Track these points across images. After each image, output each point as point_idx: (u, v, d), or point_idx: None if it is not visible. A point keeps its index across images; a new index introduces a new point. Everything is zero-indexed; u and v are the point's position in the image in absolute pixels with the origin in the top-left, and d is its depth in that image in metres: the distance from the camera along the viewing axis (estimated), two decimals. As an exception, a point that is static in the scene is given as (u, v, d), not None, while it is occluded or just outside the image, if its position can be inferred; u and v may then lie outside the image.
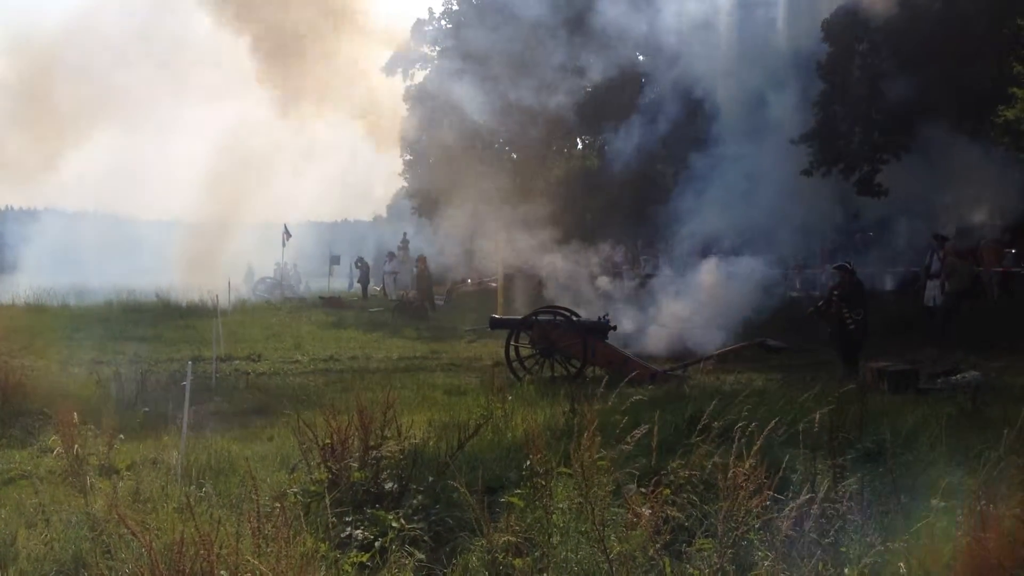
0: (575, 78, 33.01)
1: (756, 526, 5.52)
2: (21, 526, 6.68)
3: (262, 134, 33.80)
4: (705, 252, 21.15)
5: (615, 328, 15.79)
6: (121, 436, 8.96)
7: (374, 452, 7.23)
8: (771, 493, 5.83)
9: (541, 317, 15.76)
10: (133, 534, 4.99)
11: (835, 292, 15.76)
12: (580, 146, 48.18)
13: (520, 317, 16.34)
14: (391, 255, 38.51)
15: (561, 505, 6.02)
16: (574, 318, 15.72)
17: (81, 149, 34.43)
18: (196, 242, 33.90)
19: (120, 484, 7.76)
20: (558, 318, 15.67)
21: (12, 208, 57.87)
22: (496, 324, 16.54)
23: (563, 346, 15.27)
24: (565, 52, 32.00)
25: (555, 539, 5.69)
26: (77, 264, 32.58)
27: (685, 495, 6.26)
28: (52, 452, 8.86)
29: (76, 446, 8.21)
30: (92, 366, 13.52)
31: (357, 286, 39.54)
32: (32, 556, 6.06)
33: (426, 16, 49.09)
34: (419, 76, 49.34)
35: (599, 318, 15.93)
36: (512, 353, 15.45)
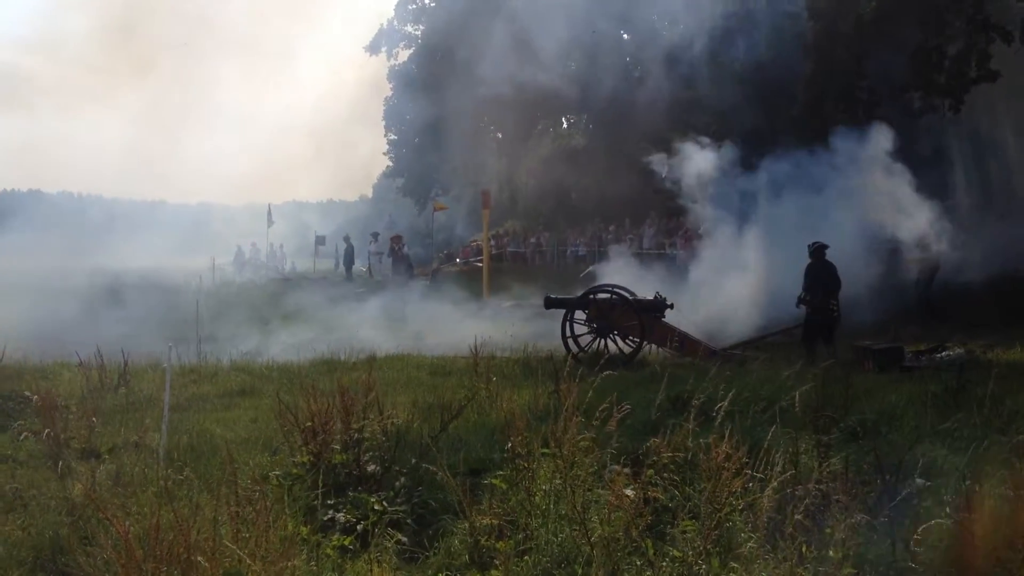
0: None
1: (739, 507, 5.50)
2: (-1, 511, 6.60)
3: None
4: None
5: (672, 306, 15.75)
6: (95, 419, 8.82)
7: (356, 434, 7.17)
8: (753, 473, 5.81)
9: (598, 296, 15.79)
10: (109, 520, 4.92)
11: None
12: (565, 125, 48.09)
13: (575, 296, 16.41)
14: (375, 236, 38.36)
15: (544, 487, 5.98)
16: (630, 297, 15.75)
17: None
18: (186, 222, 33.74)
19: (100, 468, 7.67)
20: (614, 297, 15.71)
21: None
22: (551, 304, 16.52)
23: (620, 325, 15.29)
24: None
25: (537, 521, 5.65)
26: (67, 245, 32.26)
27: (667, 476, 6.22)
28: (33, 435, 8.76)
29: (51, 430, 8.10)
30: (74, 347, 13.36)
31: (342, 267, 39.41)
32: (9, 541, 5.98)
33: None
34: (403, 55, 49.20)
35: (655, 296, 15.92)
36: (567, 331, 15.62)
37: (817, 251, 15.10)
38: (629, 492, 5.49)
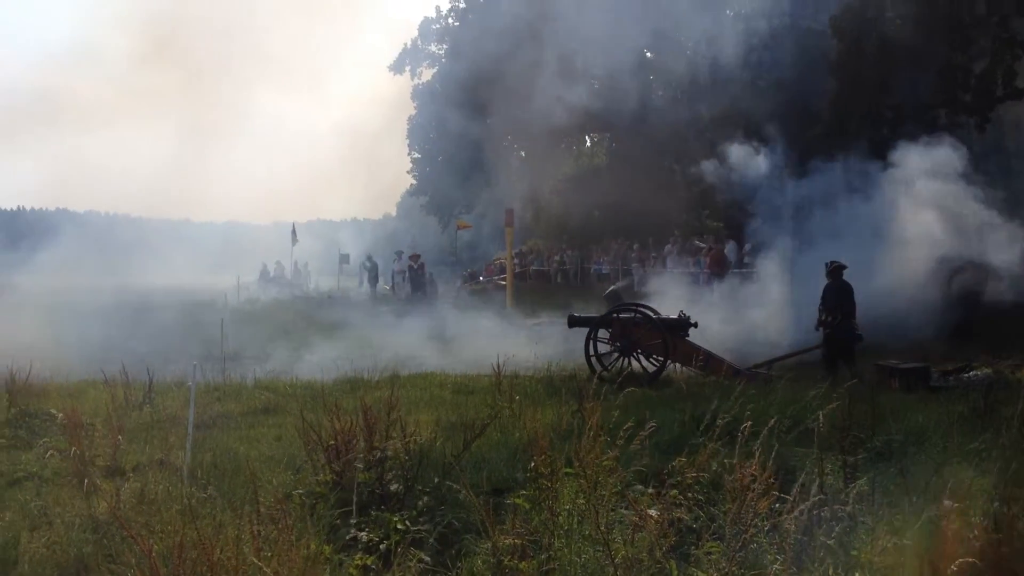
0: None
1: (765, 528, 5.45)
2: (24, 528, 6.63)
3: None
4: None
5: (696, 325, 15.70)
6: (120, 437, 8.88)
7: (379, 453, 7.17)
8: (779, 494, 5.75)
9: (622, 315, 15.77)
10: (133, 538, 4.95)
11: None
12: (589, 143, 48.16)
13: (598, 315, 16.40)
14: (399, 254, 38.57)
15: (567, 507, 5.95)
16: (654, 315, 15.73)
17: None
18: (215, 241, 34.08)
19: (125, 486, 7.71)
20: (637, 316, 15.68)
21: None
22: (575, 322, 16.50)
23: (644, 344, 15.29)
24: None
25: (560, 542, 5.62)
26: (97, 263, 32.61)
27: (691, 496, 6.18)
28: (59, 453, 8.83)
29: (77, 448, 8.16)
30: (100, 365, 13.46)
31: (367, 284, 39.62)
32: (34, 559, 6.02)
33: (433, 15, 49.24)
34: (427, 74, 49.57)
35: (679, 315, 15.88)
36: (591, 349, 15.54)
37: (834, 271, 15.04)
38: (653, 512, 5.45)
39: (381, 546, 5.94)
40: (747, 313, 18.11)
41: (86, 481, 7.51)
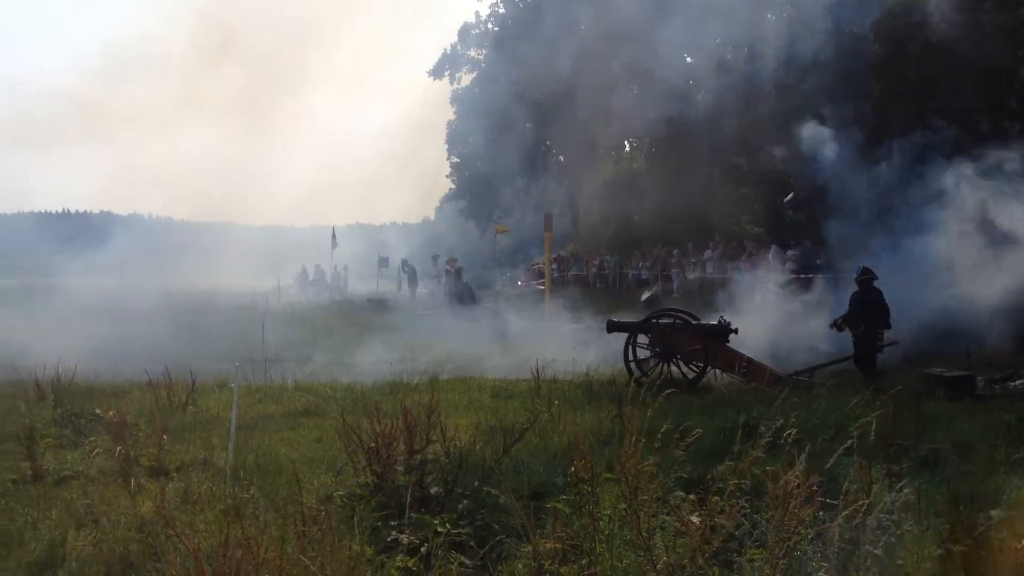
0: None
1: (808, 536, 5.39)
2: (71, 527, 6.73)
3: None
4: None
5: (736, 331, 15.60)
6: (165, 437, 9.01)
7: (419, 456, 7.20)
8: (823, 500, 5.69)
9: (661, 320, 15.72)
10: (179, 536, 5.00)
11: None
12: (627, 148, 48.03)
13: (637, 320, 16.35)
14: (435, 259, 38.76)
15: (607, 512, 5.93)
16: (693, 321, 15.67)
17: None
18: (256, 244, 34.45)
19: (169, 485, 7.82)
20: (677, 321, 15.63)
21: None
22: (613, 327, 16.45)
23: (684, 349, 15.26)
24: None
25: (601, 546, 5.60)
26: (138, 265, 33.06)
27: (734, 503, 6.13)
28: (104, 452, 8.97)
29: (122, 447, 8.31)
30: (144, 367, 13.63)
31: (406, 288, 39.80)
32: (81, 556, 6.10)
33: (472, 20, 49.38)
34: (466, 79, 49.71)
35: (719, 320, 15.80)
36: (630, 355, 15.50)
37: (862, 280, 14.95)
38: (695, 519, 5.41)
39: (422, 548, 5.96)
40: (800, 319, 17.86)
41: (132, 481, 7.61)
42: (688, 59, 34.99)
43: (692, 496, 6.15)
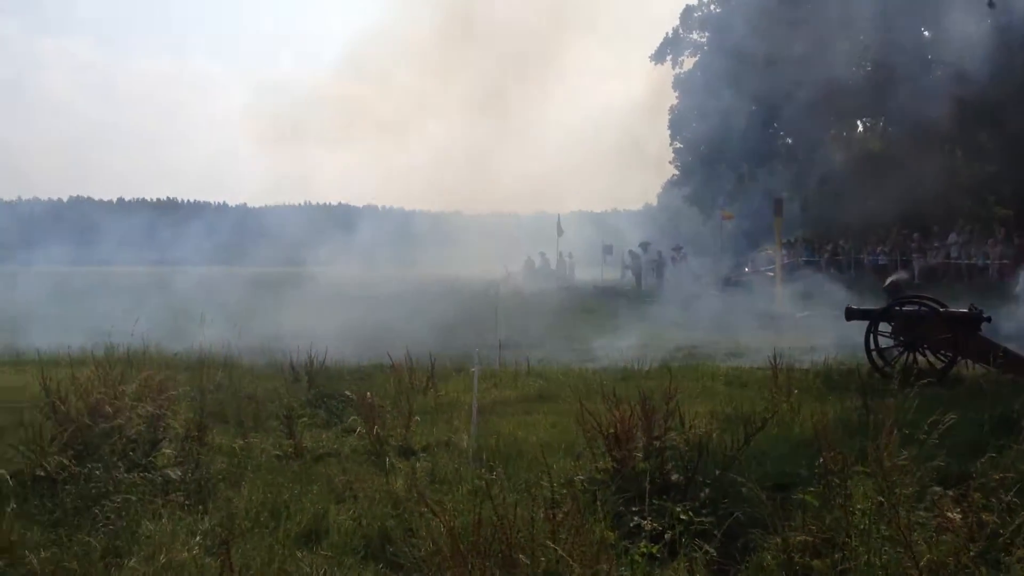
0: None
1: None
2: (331, 501, 7.18)
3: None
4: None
5: (989, 319, 14.65)
6: (417, 418, 9.45)
7: (658, 443, 7.18)
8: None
9: (905, 307, 15.03)
10: (434, 513, 5.23)
11: None
12: (861, 128, 45.89)
13: (879, 308, 15.67)
14: (644, 246, 38.71)
15: (860, 506, 5.70)
16: (940, 309, 14.88)
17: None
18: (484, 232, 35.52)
19: (417, 465, 8.20)
20: (923, 308, 14.89)
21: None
22: (853, 315, 15.85)
23: (931, 338, 14.56)
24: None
25: (856, 541, 5.39)
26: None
27: (998, 500, 5.74)
28: (355, 432, 9.51)
29: (376, 427, 8.80)
30: (386, 350, 14.29)
31: (630, 276, 39.82)
32: (342, 530, 6.49)
33: (695, 2, 48.57)
34: (688, 63, 48.97)
35: (970, 308, 14.90)
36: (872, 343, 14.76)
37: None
38: (956, 515, 5.13)
39: (666, 535, 5.94)
40: None
41: (387, 459, 8.04)
42: (926, 33, 32.97)
43: (950, 492, 5.83)
